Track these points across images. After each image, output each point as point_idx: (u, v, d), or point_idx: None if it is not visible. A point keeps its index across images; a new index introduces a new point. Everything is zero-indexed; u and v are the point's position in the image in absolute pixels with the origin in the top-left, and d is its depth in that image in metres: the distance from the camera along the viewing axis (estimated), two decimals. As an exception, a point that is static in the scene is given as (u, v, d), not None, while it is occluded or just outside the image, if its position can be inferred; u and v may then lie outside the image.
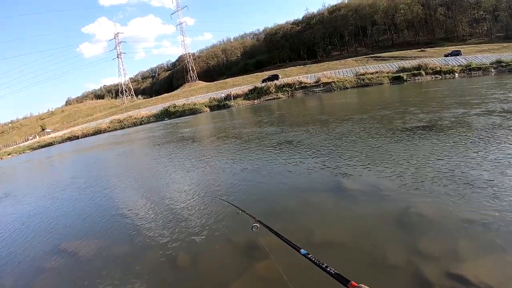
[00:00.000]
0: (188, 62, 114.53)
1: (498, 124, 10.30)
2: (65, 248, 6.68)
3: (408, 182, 6.64)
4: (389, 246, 4.56)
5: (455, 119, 12.11)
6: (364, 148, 9.94)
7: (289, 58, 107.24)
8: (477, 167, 6.79)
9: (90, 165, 19.79)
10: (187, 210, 7.42)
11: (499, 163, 6.82)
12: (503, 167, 6.57)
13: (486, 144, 8.27)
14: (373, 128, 12.80)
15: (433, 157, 7.91)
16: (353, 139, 11.46)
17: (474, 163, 7.04)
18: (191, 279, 4.75)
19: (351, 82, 46.05)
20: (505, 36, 68.89)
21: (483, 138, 8.92)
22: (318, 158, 9.73)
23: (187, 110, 51.51)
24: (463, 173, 6.59)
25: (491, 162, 6.95)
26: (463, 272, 3.73)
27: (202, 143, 18.69)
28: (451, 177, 6.49)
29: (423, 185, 6.36)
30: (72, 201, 10.59)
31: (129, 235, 6.66)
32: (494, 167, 6.67)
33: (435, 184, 6.30)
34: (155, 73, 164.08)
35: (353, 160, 8.81)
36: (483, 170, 6.60)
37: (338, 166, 8.54)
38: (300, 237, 5.05)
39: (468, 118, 11.86)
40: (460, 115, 12.78)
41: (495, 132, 9.39)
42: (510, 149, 7.65)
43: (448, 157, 7.76)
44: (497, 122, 10.51)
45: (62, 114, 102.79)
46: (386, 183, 6.81)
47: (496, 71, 37.65)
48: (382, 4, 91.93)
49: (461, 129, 10.41)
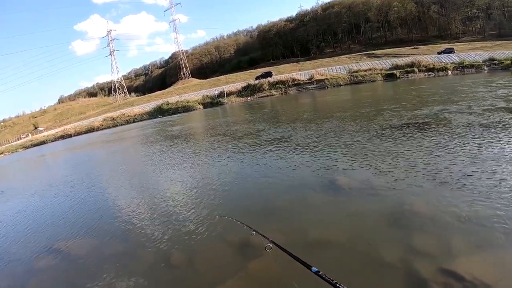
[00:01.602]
0: (181, 59, 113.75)
1: (492, 121, 10.27)
2: (58, 247, 6.59)
3: (402, 179, 6.64)
4: (384, 244, 4.58)
5: (448, 116, 12.09)
6: (356, 145, 9.91)
7: (282, 55, 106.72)
8: (469, 164, 6.82)
9: (82, 163, 19.70)
10: (181, 208, 7.35)
11: (492, 160, 6.85)
12: (496, 164, 6.60)
13: (479, 141, 8.29)
14: (366, 125, 12.78)
15: (426, 154, 7.92)
16: (345, 136, 11.48)
17: (467, 160, 7.07)
18: (186, 278, 4.72)
19: (344, 79, 46.16)
20: (498, 34, 69.05)
21: (476, 135, 8.92)
22: (311, 155, 9.69)
23: (180, 108, 51.38)
24: (458, 170, 6.60)
25: (484, 159, 6.97)
26: (457, 268, 3.75)
27: (195, 141, 18.65)
28: (445, 174, 6.51)
29: (416, 182, 6.36)
30: (65, 200, 10.47)
31: (123, 234, 6.61)
32: (487, 163, 6.69)
33: (429, 181, 6.30)
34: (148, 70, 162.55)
35: (347, 158, 8.76)
36: (476, 167, 6.61)
37: (332, 164, 8.49)
38: (295, 237, 5.11)
39: (463, 116, 11.81)
40: (453, 112, 12.79)
41: (488, 129, 9.38)
42: (502, 145, 7.72)
43: (441, 154, 7.77)
44: (490, 120, 10.49)
45: (55, 112, 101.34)
46: (380, 180, 6.80)
47: (489, 69, 37.72)
48: (375, 2, 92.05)
49: (453, 126, 10.37)
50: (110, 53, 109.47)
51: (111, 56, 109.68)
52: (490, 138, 8.43)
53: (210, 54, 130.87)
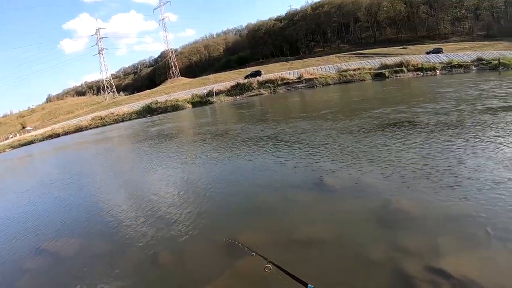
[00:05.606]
0: (170, 58, 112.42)
1: (477, 121, 10.38)
2: (46, 247, 6.57)
3: (389, 178, 6.69)
4: (370, 243, 4.60)
5: (434, 115, 12.20)
6: (344, 144, 10.02)
7: (271, 54, 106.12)
8: (457, 163, 6.89)
9: (70, 163, 19.72)
10: (168, 208, 7.36)
11: (478, 158, 6.95)
12: (483, 162, 6.68)
13: (466, 140, 8.41)
14: (353, 125, 12.85)
15: (412, 153, 8.01)
16: (332, 135, 11.62)
17: (453, 159, 7.15)
18: (173, 277, 4.74)
19: (333, 78, 46.16)
20: (486, 35, 69.64)
21: (462, 134, 9.07)
22: (299, 154, 9.78)
23: (169, 107, 50.86)
24: (444, 169, 6.64)
25: (470, 158, 7.05)
26: (445, 266, 3.78)
27: (182, 141, 18.55)
28: (432, 173, 6.56)
29: (403, 181, 6.42)
30: (53, 200, 10.44)
31: (110, 233, 6.60)
32: (473, 162, 6.77)
33: (416, 180, 6.34)
34: (137, 69, 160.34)
35: (333, 156, 8.86)
36: (463, 166, 6.67)
37: (318, 163, 8.52)
38: (281, 237, 5.16)
39: (451, 115, 11.90)
40: (441, 111, 12.89)
41: (474, 129, 9.50)
42: (490, 144, 7.82)
43: (427, 153, 7.87)
44: (476, 120, 10.62)
45: (43, 112, 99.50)
46: (366, 178, 6.82)
47: (477, 69, 37.92)
48: (365, 1, 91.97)
49: (441, 126, 10.42)
50: (99, 51, 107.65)
51: (100, 55, 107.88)
52: (476, 137, 8.49)
53: (199, 53, 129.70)
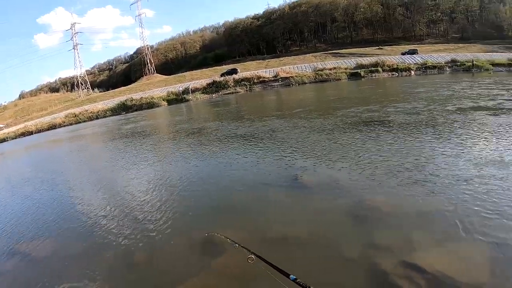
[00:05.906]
0: (146, 54, 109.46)
1: (449, 120, 10.70)
2: (19, 248, 6.43)
3: (362, 175, 6.82)
4: (346, 240, 4.69)
5: (405, 115, 12.43)
6: (317, 142, 10.15)
7: (248, 52, 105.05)
8: (427, 160, 7.09)
9: (43, 162, 19.25)
10: (142, 206, 7.31)
11: (450, 156, 7.15)
12: (455, 159, 6.90)
13: (439, 138, 8.69)
14: (327, 123, 13.04)
15: (384, 151, 8.19)
16: (307, 133, 11.73)
17: (425, 156, 7.35)
18: (150, 277, 4.67)
19: (309, 77, 46.19)
20: (460, 37, 71.40)
21: (432, 133, 9.30)
22: (273, 152, 9.90)
23: (145, 104, 49.85)
24: (415, 166, 6.85)
25: (442, 155, 7.28)
26: (419, 261, 3.88)
27: (157, 139, 18.33)
28: (403, 170, 6.72)
29: (376, 178, 6.54)
30: (25, 200, 10.08)
31: (85, 234, 6.50)
32: (445, 159, 7.00)
33: (388, 177, 6.50)
34: (112, 65, 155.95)
35: (308, 155, 8.93)
36: (433, 163, 6.86)
37: (294, 161, 8.59)
38: (258, 235, 5.19)
39: (421, 114, 12.22)
40: (412, 111, 13.18)
41: (445, 128, 9.77)
42: (459, 142, 8.07)
43: (398, 150, 8.07)
44: (448, 118, 10.95)
45: (16, 108, 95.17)
46: (340, 176, 6.93)
47: (451, 70, 38.57)
48: (342, 2, 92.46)
49: (412, 124, 10.70)
50: (74, 47, 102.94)
51: (75, 50, 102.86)
52: (446, 136, 8.76)
53: (175, 50, 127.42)
